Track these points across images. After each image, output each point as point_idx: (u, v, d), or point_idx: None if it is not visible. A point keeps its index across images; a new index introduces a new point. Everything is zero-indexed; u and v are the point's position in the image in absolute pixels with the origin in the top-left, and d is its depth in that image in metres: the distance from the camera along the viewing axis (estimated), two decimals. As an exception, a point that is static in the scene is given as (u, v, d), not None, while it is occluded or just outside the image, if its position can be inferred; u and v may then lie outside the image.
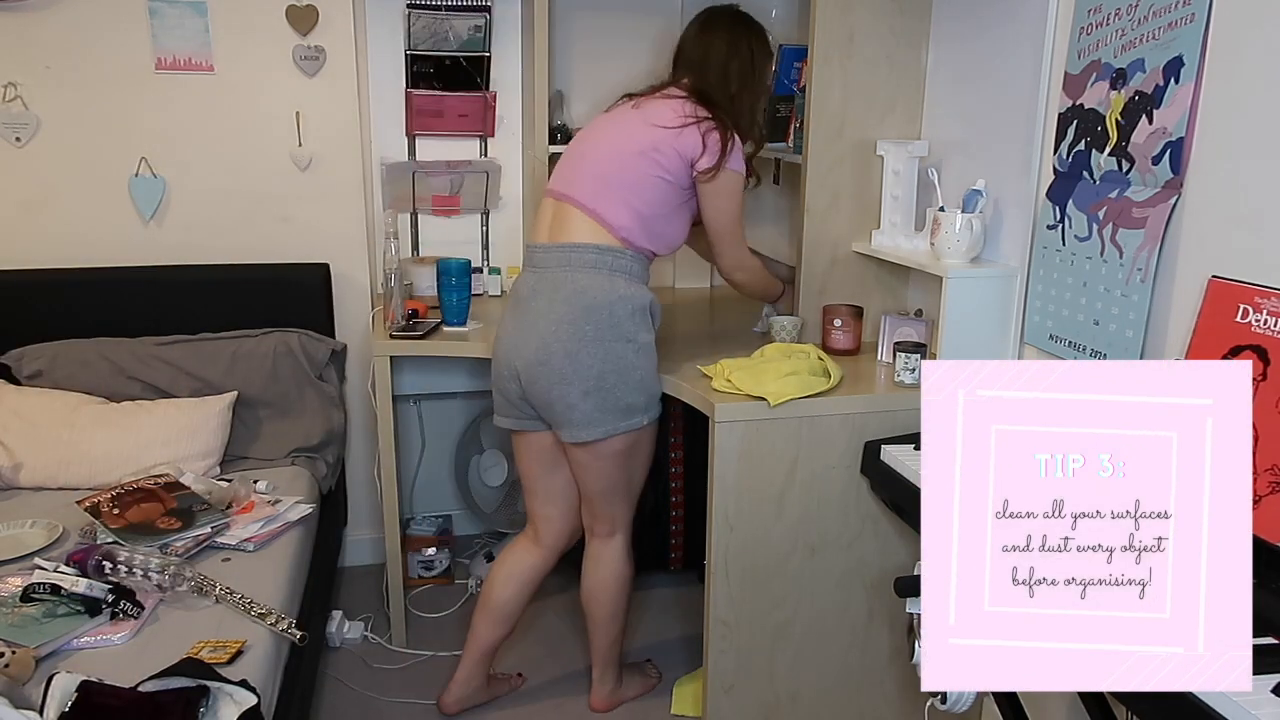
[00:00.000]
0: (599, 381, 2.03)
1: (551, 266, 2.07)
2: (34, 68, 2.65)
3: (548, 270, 2.08)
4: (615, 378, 2.04)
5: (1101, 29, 1.82)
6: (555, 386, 2.03)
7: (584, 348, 2.01)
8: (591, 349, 2.01)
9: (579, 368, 2.02)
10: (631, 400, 2.07)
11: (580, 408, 2.04)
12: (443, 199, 3.01)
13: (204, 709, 1.54)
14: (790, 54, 2.68)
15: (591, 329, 2.01)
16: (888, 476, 1.95)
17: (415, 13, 2.83)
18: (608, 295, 2.03)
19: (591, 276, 2.04)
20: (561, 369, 2.02)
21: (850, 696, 2.24)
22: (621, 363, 2.04)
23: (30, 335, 2.64)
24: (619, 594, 2.34)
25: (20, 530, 2.15)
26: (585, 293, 2.02)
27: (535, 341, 2.04)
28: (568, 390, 2.03)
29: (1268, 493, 1.41)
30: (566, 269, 2.05)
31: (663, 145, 2.05)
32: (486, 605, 2.34)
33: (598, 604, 2.34)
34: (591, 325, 2.02)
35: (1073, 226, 1.90)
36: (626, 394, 2.06)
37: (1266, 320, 1.46)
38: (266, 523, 2.20)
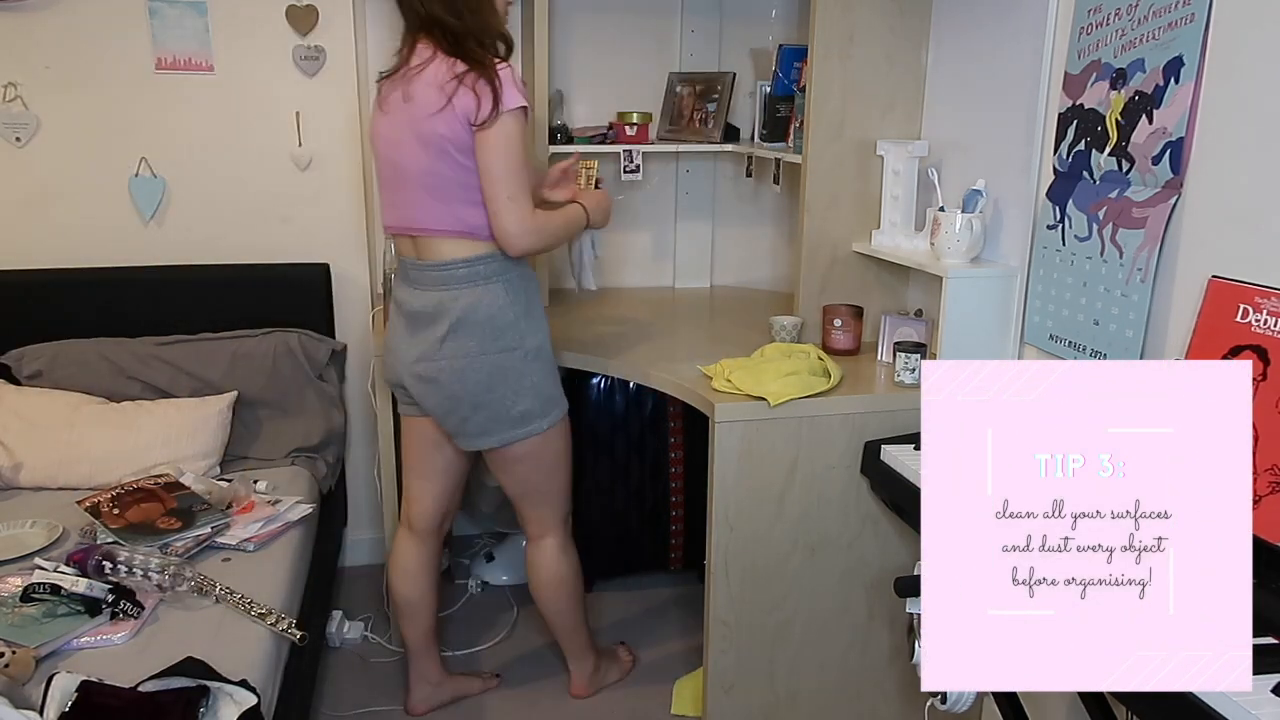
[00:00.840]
0: (488, 394, 2.01)
1: (428, 285, 2.00)
2: (34, 68, 2.65)
3: (420, 287, 2.01)
4: (504, 388, 2.02)
5: (1101, 29, 1.82)
6: (444, 402, 2.04)
7: (470, 363, 1.99)
8: (477, 363, 1.99)
9: (467, 384, 2.00)
10: (525, 408, 2.05)
11: (473, 420, 2.04)
12: (443, 199, 3.00)
13: (204, 709, 1.54)
14: (790, 54, 2.68)
15: (475, 344, 1.98)
16: (888, 476, 1.95)
17: (415, 13, 2.82)
18: (487, 308, 1.97)
19: (469, 292, 1.97)
20: (450, 387, 2.01)
21: (850, 696, 2.24)
22: (510, 373, 2.01)
23: (30, 335, 2.64)
24: (560, 592, 2.33)
25: (20, 530, 2.15)
26: (467, 309, 1.97)
27: (417, 355, 2.03)
28: (458, 405, 2.03)
29: (1268, 493, 1.41)
30: (443, 288, 1.98)
31: (450, 124, 1.86)
32: (396, 606, 2.37)
33: (543, 603, 2.36)
34: (475, 340, 1.98)
35: (1073, 226, 1.90)
36: (518, 402, 2.04)
37: (1266, 320, 1.46)
38: (266, 523, 2.20)
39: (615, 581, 3.07)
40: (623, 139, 2.84)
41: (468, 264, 1.97)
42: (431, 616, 2.38)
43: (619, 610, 2.94)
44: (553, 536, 2.30)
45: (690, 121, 2.95)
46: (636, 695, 2.54)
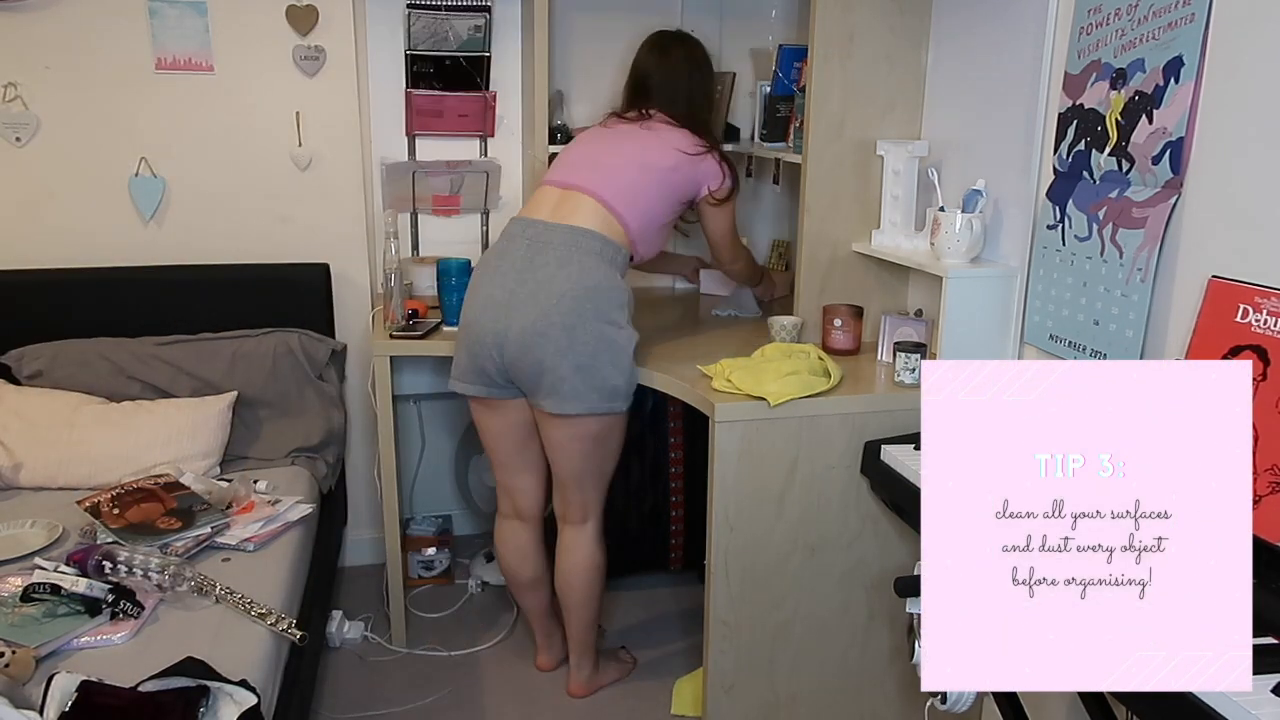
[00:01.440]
0: (592, 359, 2.09)
1: (555, 243, 2.12)
2: (34, 68, 2.65)
3: (550, 246, 2.12)
4: (607, 357, 2.11)
5: (1101, 29, 1.82)
6: (549, 357, 2.08)
7: (583, 324, 2.08)
8: (590, 326, 2.09)
9: (575, 343, 2.08)
10: (616, 383, 2.15)
11: (570, 381, 2.10)
12: (443, 199, 3.01)
13: (204, 709, 1.54)
14: (790, 54, 2.68)
15: (592, 308, 2.09)
16: (888, 476, 1.95)
17: (415, 13, 2.83)
18: (608, 281, 2.13)
19: (596, 262, 2.12)
20: (559, 341, 2.07)
21: (850, 696, 2.24)
22: (614, 345, 2.12)
23: (30, 335, 2.64)
24: (593, 580, 2.38)
25: (20, 530, 2.15)
26: (590, 273, 2.11)
27: (534, 312, 2.08)
28: (560, 362, 2.08)
29: (1268, 493, 1.41)
30: (572, 248, 2.11)
31: (683, 167, 2.24)
32: (518, 582, 2.47)
33: (572, 590, 2.38)
34: (592, 305, 2.09)
35: (1073, 226, 1.90)
36: (613, 375, 2.13)
37: (1266, 320, 1.46)
38: (266, 523, 2.20)
39: (615, 581, 3.06)
40: (623, 139, 2.84)
41: (604, 241, 2.14)
42: (551, 588, 2.47)
43: (619, 610, 2.94)
44: (594, 522, 2.35)
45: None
46: (636, 695, 2.54)
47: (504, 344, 2.11)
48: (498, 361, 2.14)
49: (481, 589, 3.03)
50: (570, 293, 2.08)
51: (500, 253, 2.19)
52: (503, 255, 2.17)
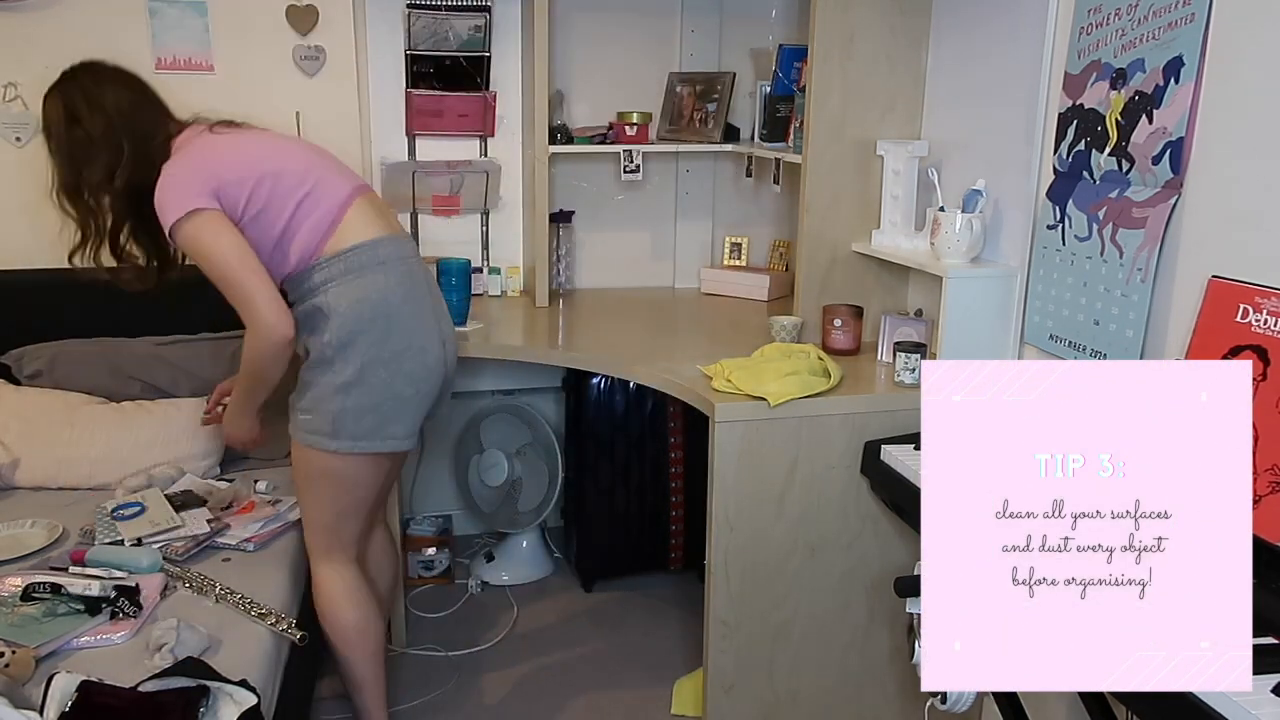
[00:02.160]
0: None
1: (418, 255, 2.09)
2: (34, 68, 2.65)
3: (418, 259, 2.08)
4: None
5: (1101, 29, 1.82)
6: (455, 361, 2.14)
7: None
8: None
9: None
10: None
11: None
12: (443, 199, 3.01)
13: (204, 709, 1.54)
14: (790, 54, 2.68)
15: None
16: (888, 476, 1.95)
17: (415, 13, 2.83)
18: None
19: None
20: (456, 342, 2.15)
21: (850, 696, 2.24)
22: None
23: (30, 335, 2.64)
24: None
25: (20, 530, 2.15)
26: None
27: (450, 324, 2.11)
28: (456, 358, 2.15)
29: (1268, 493, 1.41)
30: (420, 258, 2.10)
31: None
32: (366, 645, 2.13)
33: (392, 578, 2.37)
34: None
35: (1073, 226, 1.90)
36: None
37: (1266, 320, 1.46)
38: (266, 523, 2.20)
39: (615, 581, 3.07)
40: (623, 139, 2.84)
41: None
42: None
43: (619, 610, 2.94)
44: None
45: (690, 121, 2.95)
46: (636, 695, 2.54)
47: (446, 365, 2.08)
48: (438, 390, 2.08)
49: (481, 589, 3.03)
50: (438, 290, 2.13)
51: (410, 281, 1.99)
52: (414, 282, 2.00)
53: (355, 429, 1.94)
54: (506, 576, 3.08)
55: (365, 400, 1.93)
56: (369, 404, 1.93)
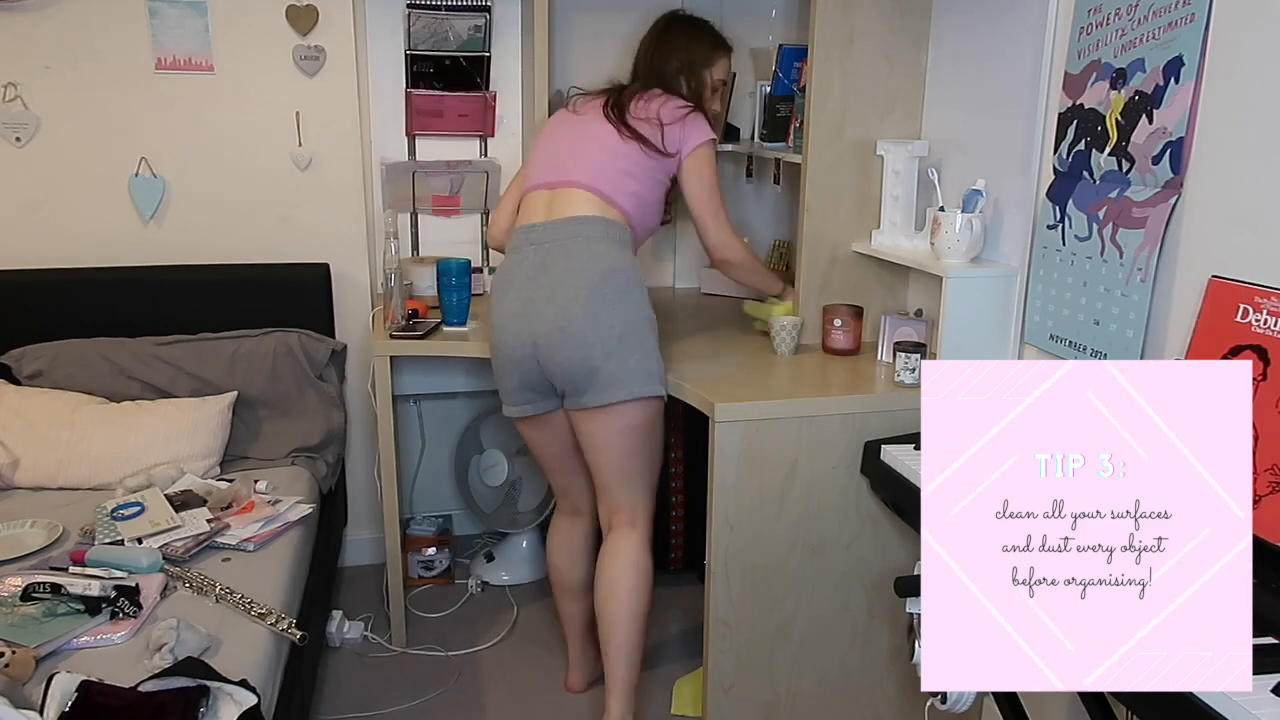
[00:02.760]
0: (620, 342, 2.04)
1: (560, 239, 2.09)
2: (34, 68, 2.65)
3: (556, 243, 2.09)
4: (635, 340, 2.06)
5: (1101, 29, 1.82)
6: (578, 350, 2.03)
7: (604, 309, 2.03)
8: (612, 310, 2.04)
9: (600, 328, 2.02)
10: (649, 365, 2.08)
11: (603, 369, 2.04)
12: (443, 199, 3.01)
13: (204, 709, 1.54)
14: (790, 54, 2.68)
15: (610, 292, 2.05)
16: (888, 476, 1.95)
17: (415, 13, 2.83)
18: (622, 262, 2.09)
19: (604, 245, 2.09)
20: (583, 331, 2.02)
21: (850, 696, 2.24)
22: (639, 326, 2.07)
23: (30, 335, 2.64)
24: (639, 592, 2.17)
25: (20, 530, 2.15)
26: (601, 259, 2.07)
27: (553, 310, 2.04)
28: (590, 353, 2.03)
29: (1268, 493, 1.41)
30: (577, 239, 2.09)
31: (651, 136, 2.17)
32: (566, 588, 2.42)
33: (616, 601, 2.16)
34: (610, 289, 2.05)
35: (1073, 226, 1.90)
36: (644, 358, 2.07)
37: (1266, 320, 1.46)
38: (266, 523, 2.20)
39: (615, 581, 3.06)
40: (623, 139, 2.84)
41: (605, 223, 2.11)
42: (590, 596, 2.33)
43: (619, 610, 2.94)
44: (644, 526, 2.21)
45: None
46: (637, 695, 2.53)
47: (537, 349, 2.08)
48: (537, 369, 2.10)
49: (481, 589, 3.03)
50: (586, 282, 2.04)
51: (513, 265, 2.15)
52: (516, 268, 2.13)
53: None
54: (506, 576, 3.08)
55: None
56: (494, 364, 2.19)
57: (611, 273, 2.06)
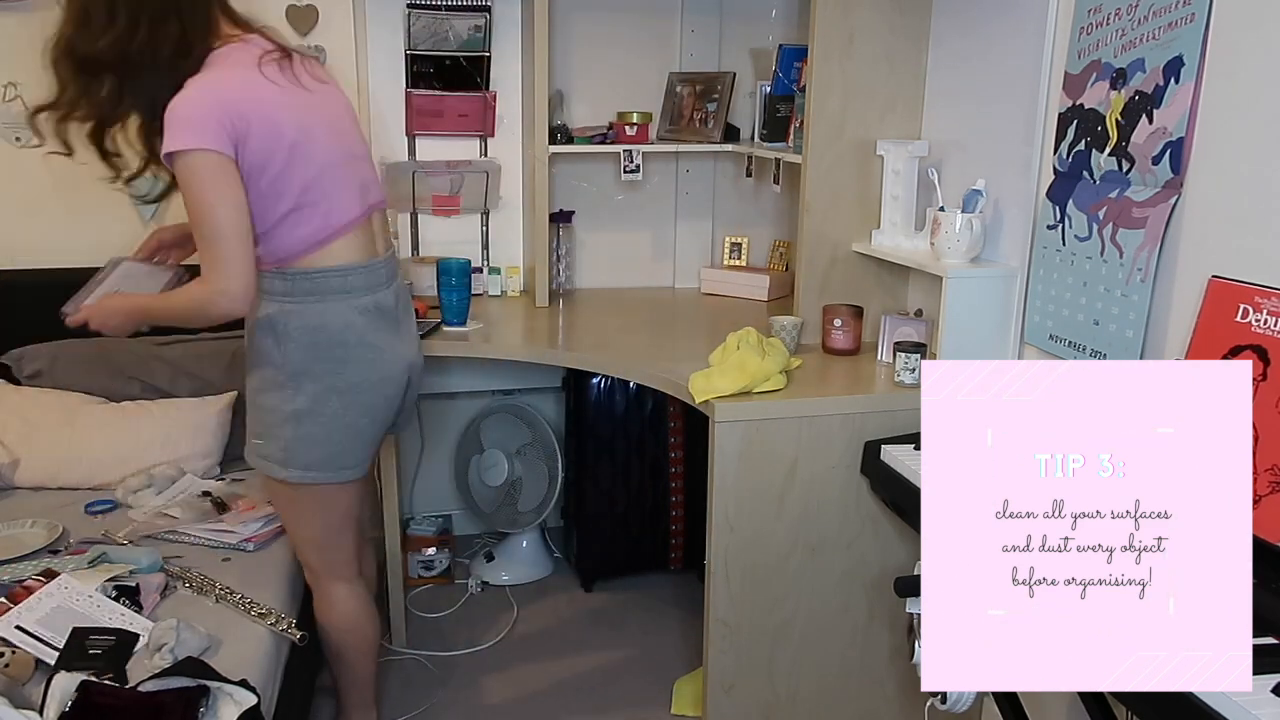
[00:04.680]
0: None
1: (395, 276, 2.00)
2: (34, 68, 2.63)
3: (394, 281, 1.98)
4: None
5: (1101, 29, 1.82)
6: (420, 381, 2.09)
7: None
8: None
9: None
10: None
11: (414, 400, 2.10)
12: (443, 199, 3.01)
13: (204, 709, 1.54)
14: (790, 54, 2.68)
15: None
16: (888, 476, 1.95)
17: (415, 13, 2.83)
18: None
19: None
20: (422, 364, 2.09)
21: (850, 696, 2.24)
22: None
23: (30, 335, 2.64)
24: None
25: (20, 530, 2.15)
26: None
27: (416, 346, 2.05)
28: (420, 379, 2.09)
29: (1268, 493, 1.41)
30: (398, 277, 2.01)
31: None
32: (373, 647, 2.16)
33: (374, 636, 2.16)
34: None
35: (1073, 226, 1.90)
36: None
37: (1266, 320, 1.46)
38: (266, 522, 2.20)
39: (615, 581, 3.07)
40: (623, 139, 2.84)
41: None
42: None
43: (619, 610, 2.94)
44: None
45: (690, 121, 2.95)
46: (636, 695, 2.54)
47: (408, 382, 2.00)
48: (396, 407, 2.00)
49: (481, 589, 3.03)
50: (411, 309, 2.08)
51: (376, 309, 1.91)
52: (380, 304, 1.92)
53: (307, 458, 1.86)
54: (506, 576, 3.08)
55: (317, 431, 1.85)
56: (321, 435, 1.85)
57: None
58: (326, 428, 1.85)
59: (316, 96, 1.85)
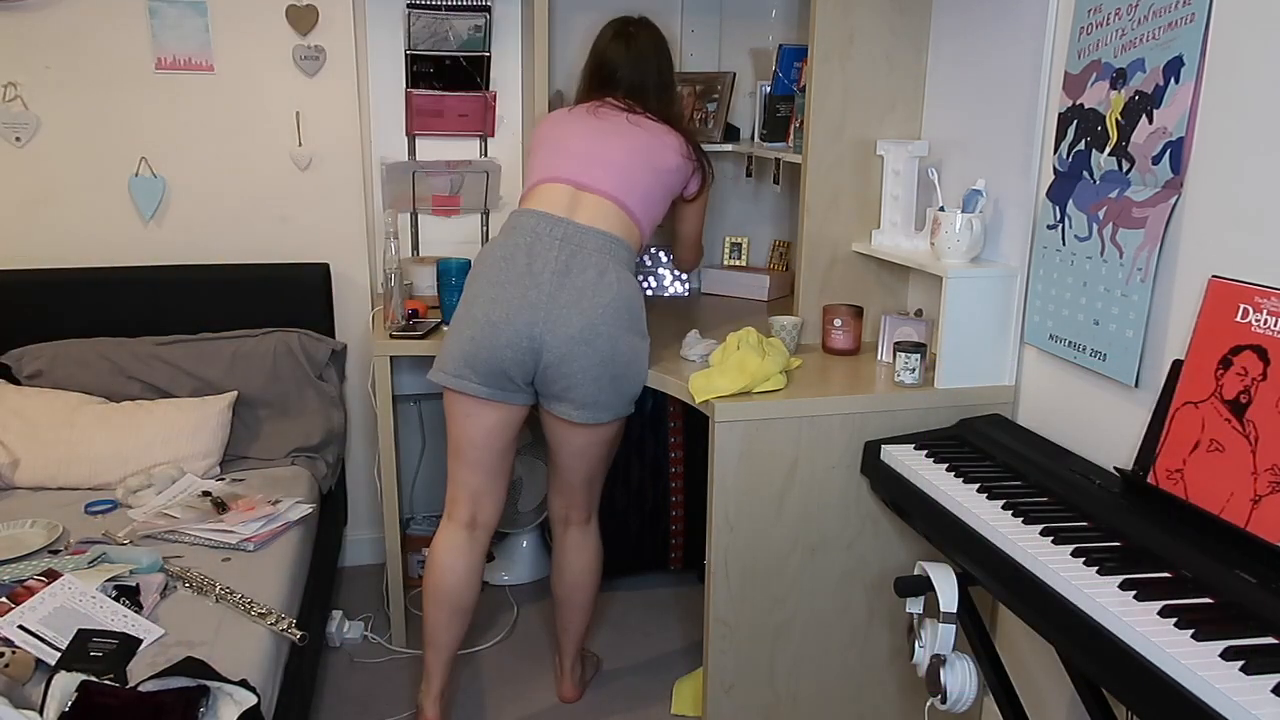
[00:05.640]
0: (626, 369, 2.11)
1: (592, 249, 2.07)
2: (34, 68, 2.65)
3: (587, 251, 2.06)
4: (634, 367, 2.13)
5: (1101, 29, 1.82)
6: (592, 368, 2.06)
7: (623, 335, 2.08)
8: (626, 338, 2.09)
9: (616, 354, 2.08)
10: (634, 391, 2.17)
11: (607, 391, 2.10)
12: (443, 199, 3.01)
13: (204, 709, 1.54)
14: (790, 54, 2.68)
15: (627, 319, 2.09)
16: (888, 476, 1.95)
17: (415, 13, 2.83)
18: (637, 291, 2.13)
19: (627, 272, 2.12)
20: (604, 352, 2.06)
21: (850, 696, 2.24)
22: (638, 355, 2.13)
23: (30, 335, 2.64)
24: (598, 577, 2.40)
25: (20, 530, 2.15)
26: (626, 283, 2.09)
27: (580, 320, 2.02)
28: (602, 372, 2.07)
29: (1268, 493, 1.41)
30: (609, 258, 2.08)
31: (683, 169, 2.25)
32: (459, 607, 2.22)
33: (583, 591, 2.38)
34: (628, 316, 2.09)
35: (1073, 226, 1.90)
36: (634, 384, 2.16)
37: (1266, 320, 1.46)
38: (266, 522, 2.20)
39: (615, 581, 3.07)
40: (623, 139, 2.84)
41: (628, 249, 2.14)
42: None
43: (619, 610, 2.94)
44: (595, 518, 2.38)
45: (690, 121, 2.95)
46: (636, 695, 2.54)
47: (542, 349, 2.03)
48: (528, 366, 2.05)
49: (481, 589, 3.03)
50: (613, 304, 2.05)
51: (527, 249, 2.05)
52: (531, 253, 2.05)
53: (440, 359, 2.12)
54: (506, 576, 3.08)
55: (450, 332, 2.12)
56: (450, 336, 2.11)
57: (632, 300, 2.10)
58: (451, 329, 2.13)
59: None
